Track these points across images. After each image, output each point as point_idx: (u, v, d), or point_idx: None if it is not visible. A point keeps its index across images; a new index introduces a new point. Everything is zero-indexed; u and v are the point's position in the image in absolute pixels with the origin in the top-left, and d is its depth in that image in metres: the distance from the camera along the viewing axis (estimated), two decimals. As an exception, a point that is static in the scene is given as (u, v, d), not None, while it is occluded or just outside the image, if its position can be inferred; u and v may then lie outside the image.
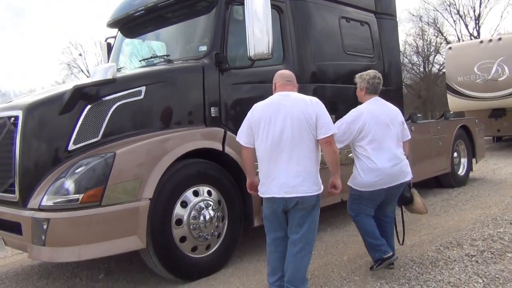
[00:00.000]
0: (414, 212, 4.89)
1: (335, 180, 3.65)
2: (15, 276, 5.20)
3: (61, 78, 43.49)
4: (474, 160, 9.57)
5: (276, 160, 3.49)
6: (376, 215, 4.42)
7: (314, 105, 3.52)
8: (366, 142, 4.18)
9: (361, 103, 4.52)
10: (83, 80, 5.68)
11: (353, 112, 4.35)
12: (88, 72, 42.01)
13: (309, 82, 5.83)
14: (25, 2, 57.55)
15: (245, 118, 3.74)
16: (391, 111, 4.46)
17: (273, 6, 4.91)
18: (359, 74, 4.61)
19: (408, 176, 4.33)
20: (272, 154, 3.50)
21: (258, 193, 3.71)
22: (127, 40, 6.32)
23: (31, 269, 5.39)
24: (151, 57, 5.61)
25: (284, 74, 3.82)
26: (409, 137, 4.53)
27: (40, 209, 3.86)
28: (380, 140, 4.20)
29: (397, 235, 4.68)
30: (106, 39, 6.84)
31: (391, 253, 4.21)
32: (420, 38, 37.10)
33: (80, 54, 41.38)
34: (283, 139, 3.46)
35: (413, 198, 4.68)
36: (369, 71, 4.62)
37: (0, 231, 4.32)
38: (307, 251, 3.57)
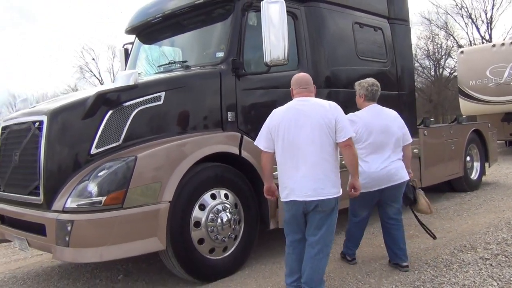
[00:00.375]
0: (420, 212, 5.00)
1: (355, 182, 3.79)
2: (36, 277, 5.33)
3: (73, 82, 44.07)
4: (487, 164, 9.58)
5: (297, 164, 3.61)
6: (381, 218, 4.65)
7: (333, 110, 3.66)
8: (359, 148, 4.32)
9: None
10: (105, 86, 5.81)
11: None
12: (100, 75, 42.51)
13: (323, 87, 5.90)
14: (32, 4, 58.08)
15: (264, 124, 3.87)
16: (387, 116, 4.61)
17: (288, 13, 4.98)
18: (358, 81, 4.82)
19: (400, 178, 4.44)
20: (292, 159, 3.63)
21: (280, 198, 3.86)
22: (145, 46, 6.47)
23: (51, 270, 5.53)
24: (169, 63, 5.73)
25: (301, 80, 3.93)
26: (410, 141, 4.70)
27: (64, 211, 3.99)
28: (373, 146, 4.43)
29: (429, 233, 4.97)
30: (124, 45, 6.99)
31: (353, 259, 4.81)
32: (431, 42, 36.95)
33: (93, 59, 41.89)
34: (303, 144, 3.59)
35: (417, 199, 4.80)
36: (367, 79, 4.81)
37: (24, 232, 4.46)
38: (325, 253, 3.68)
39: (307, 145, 3.58)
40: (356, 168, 3.79)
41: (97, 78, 42.89)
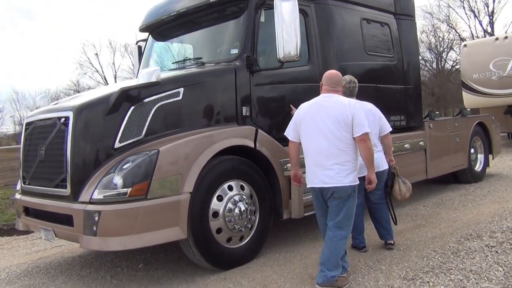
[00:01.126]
0: (394, 197, 5.17)
1: (370, 175, 4.10)
2: (58, 266, 5.55)
3: (76, 78, 44.21)
4: (490, 156, 9.76)
5: (317, 154, 4.03)
6: (366, 203, 5.11)
7: (351, 107, 4.00)
8: None
9: None
10: (127, 82, 5.99)
11: None
12: (102, 71, 42.62)
13: (333, 82, 6.08)
14: (32, 4, 58.04)
15: (293, 116, 4.34)
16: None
17: (299, 10, 5.15)
18: None
19: (377, 168, 4.54)
20: (314, 148, 4.05)
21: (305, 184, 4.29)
22: (158, 44, 6.65)
23: (73, 260, 5.74)
24: (184, 60, 5.90)
25: (332, 79, 4.25)
26: (387, 131, 5.03)
27: (91, 202, 4.19)
28: None
29: (392, 217, 5.19)
30: (137, 42, 7.17)
31: (363, 247, 5.06)
32: (433, 35, 37.03)
33: (96, 54, 42.01)
34: (323, 136, 3.98)
35: (393, 185, 5.07)
36: (345, 76, 4.98)
37: (50, 223, 4.67)
38: (342, 237, 4.03)
39: (327, 136, 3.97)
40: (371, 162, 4.04)
41: (99, 74, 43.01)
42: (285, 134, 4.38)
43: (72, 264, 5.58)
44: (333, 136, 3.94)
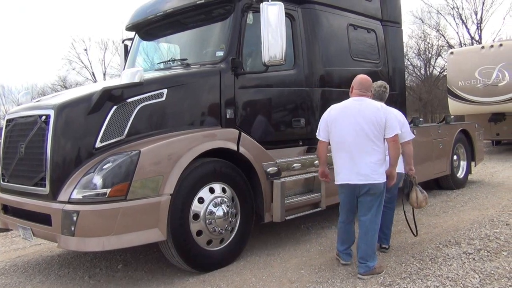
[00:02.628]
0: (412, 205, 5.19)
1: (392, 171, 4.42)
2: (36, 265, 5.49)
3: (63, 73, 43.80)
4: (473, 163, 9.88)
5: (351, 153, 4.33)
6: None
7: (384, 110, 4.38)
8: None
9: None
10: (110, 81, 5.95)
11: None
12: (91, 67, 42.31)
13: (318, 86, 6.14)
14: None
15: (322, 117, 4.63)
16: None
17: (286, 14, 5.18)
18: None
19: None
20: (349, 147, 4.33)
21: (334, 181, 4.58)
22: (145, 43, 6.62)
23: (51, 259, 5.69)
24: (169, 60, 5.88)
25: (363, 84, 4.55)
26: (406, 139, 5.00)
27: (70, 202, 4.16)
28: None
29: (411, 230, 5.35)
30: (123, 41, 7.13)
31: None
32: (422, 41, 37.37)
33: (85, 49, 41.65)
34: (359, 136, 4.29)
35: (409, 193, 5.11)
36: (378, 81, 5.29)
37: (28, 222, 4.62)
38: (375, 230, 4.44)
39: (359, 137, 4.29)
40: (396, 160, 4.40)
41: (88, 70, 42.66)
42: (316, 135, 4.68)
43: (50, 263, 5.52)
44: (367, 136, 4.26)
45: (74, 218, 4.05)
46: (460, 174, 9.44)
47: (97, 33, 66.21)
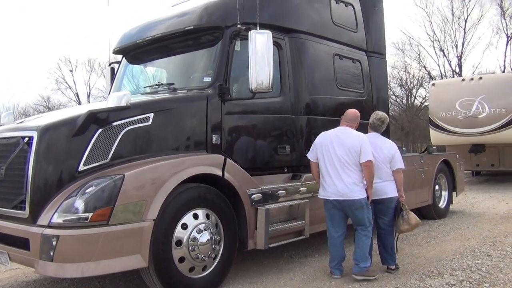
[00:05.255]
0: (398, 228, 5.54)
1: (369, 191, 5.12)
2: (11, 290, 5.32)
3: (47, 93, 43.40)
4: (454, 194, 10.00)
5: (332, 173, 5.10)
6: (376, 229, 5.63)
7: (359, 139, 5.09)
8: None
9: None
10: (96, 104, 5.90)
11: None
12: (76, 88, 42.06)
13: (303, 114, 6.18)
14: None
15: (314, 141, 5.39)
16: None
17: (273, 43, 5.24)
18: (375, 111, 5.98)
19: (383, 194, 5.40)
20: (329, 168, 5.13)
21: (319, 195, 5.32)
22: (131, 67, 6.61)
23: (27, 285, 5.51)
24: (156, 85, 5.88)
25: (349, 116, 5.40)
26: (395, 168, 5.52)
27: (50, 226, 4.05)
28: None
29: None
30: (110, 63, 7.12)
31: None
32: (404, 71, 38.17)
33: (70, 70, 41.44)
34: (336, 159, 5.07)
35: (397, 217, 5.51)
36: (379, 112, 5.92)
37: (5, 246, 4.47)
38: (367, 237, 5.16)
39: (339, 160, 5.06)
40: (370, 182, 5.09)
41: (72, 91, 42.37)
42: (307, 155, 5.43)
43: (26, 289, 5.35)
44: (345, 160, 5.02)
45: (54, 243, 3.95)
46: (442, 204, 9.53)
47: (83, 54, 66.18)
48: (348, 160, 5.03)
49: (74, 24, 59.10)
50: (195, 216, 4.70)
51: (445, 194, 9.65)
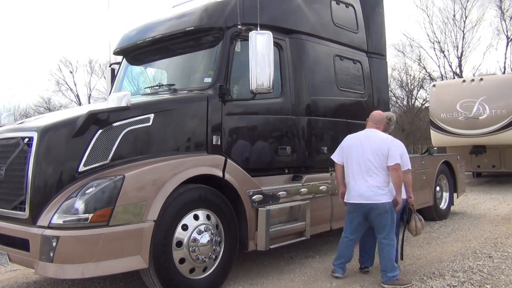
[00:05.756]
0: (411, 232, 5.47)
1: (398, 198, 4.95)
2: (11, 292, 5.31)
3: (48, 95, 43.38)
4: (455, 195, 9.97)
5: (358, 176, 4.99)
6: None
7: (388, 142, 5.00)
8: None
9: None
10: (96, 105, 5.90)
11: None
12: (76, 90, 42.08)
13: (304, 115, 6.17)
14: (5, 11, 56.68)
15: (341, 143, 5.32)
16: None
17: (274, 43, 5.22)
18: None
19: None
20: (356, 171, 5.01)
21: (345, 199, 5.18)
22: (132, 68, 6.60)
23: (27, 286, 5.50)
24: (156, 85, 5.88)
25: (374, 117, 5.30)
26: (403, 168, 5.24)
27: (50, 227, 4.04)
28: None
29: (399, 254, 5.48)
30: (110, 65, 7.11)
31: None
32: (404, 73, 38.15)
33: (71, 72, 41.47)
34: (363, 162, 4.97)
35: (409, 221, 5.38)
36: (386, 112, 5.84)
37: (5, 247, 4.46)
38: (391, 246, 4.94)
39: (364, 163, 4.96)
40: (399, 187, 4.93)
41: (73, 93, 42.38)
42: (331, 157, 5.33)
43: (26, 290, 5.34)
44: (371, 163, 4.92)
45: (54, 244, 3.94)
46: (443, 205, 9.51)
47: (84, 54, 66.24)
48: (375, 162, 4.92)
49: (74, 24, 59.15)
50: (196, 217, 4.68)
51: (446, 195, 9.63)
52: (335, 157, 5.30)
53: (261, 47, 4.96)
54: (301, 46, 6.21)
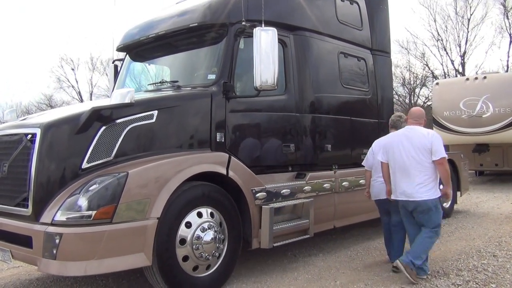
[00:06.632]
0: None
1: (447, 190, 5.08)
2: (14, 289, 5.29)
3: (49, 92, 43.40)
4: (458, 193, 9.92)
5: (402, 173, 5.01)
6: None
7: (429, 137, 4.99)
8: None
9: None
10: (100, 101, 5.87)
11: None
12: (78, 87, 42.09)
13: (308, 112, 6.14)
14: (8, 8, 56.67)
15: (383, 143, 5.38)
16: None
17: (278, 40, 5.18)
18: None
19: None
20: (399, 169, 5.03)
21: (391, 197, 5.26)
22: (135, 64, 6.57)
23: (29, 283, 5.48)
24: (160, 82, 5.84)
25: (414, 114, 5.30)
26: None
27: (53, 223, 4.02)
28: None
29: None
30: (113, 61, 7.08)
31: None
32: (407, 70, 38.03)
33: (72, 69, 41.48)
34: (406, 159, 4.98)
35: None
36: (397, 112, 6.20)
37: (8, 244, 4.45)
38: (431, 239, 5.05)
39: (408, 160, 4.96)
40: (448, 180, 5.03)
41: (75, 90, 42.39)
42: (377, 157, 5.39)
43: (29, 287, 5.32)
44: (414, 160, 4.92)
45: (57, 241, 3.91)
46: (446, 203, 9.45)
47: (86, 52, 66.19)
48: (418, 159, 4.92)
49: (74, 24, 59.19)
50: (199, 215, 4.66)
51: (449, 193, 9.56)
52: (380, 157, 5.34)
53: (265, 44, 4.92)
54: (305, 43, 6.17)
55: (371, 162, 5.73)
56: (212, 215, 4.77)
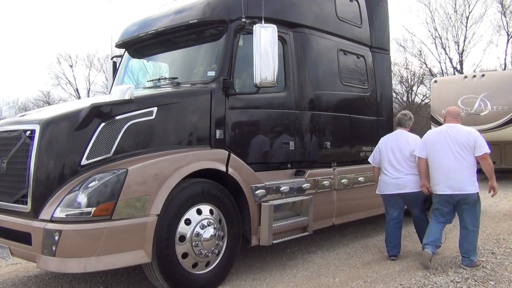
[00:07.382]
0: None
1: (492, 183, 5.43)
2: (12, 286, 5.27)
3: (46, 89, 43.28)
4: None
5: (444, 169, 5.27)
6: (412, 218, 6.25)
7: (473, 134, 5.29)
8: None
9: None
10: (99, 98, 5.85)
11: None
12: (76, 84, 41.98)
13: (307, 110, 6.12)
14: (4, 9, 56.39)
15: (422, 139, 5.64)
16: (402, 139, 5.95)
17: (278, 37, 5.16)
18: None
19: (406, 189, 5.74)
20: (441, 164, 5.29)
21: (432, 191, 5.49)
22: (134, 61, 6.54)
23: (28, 280, 5.46)
24: (159, 79, 5.82)
25: (453, 112, 5.65)
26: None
27: (52, 220, 4.01)
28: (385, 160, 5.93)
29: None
30: (112, 58, 7.05)
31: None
32: (405, 68, 38.03)
33: (70, 66, 41.36)
34: (450, 155, 5.24)
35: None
36: (404, 110, 6.40)
37: (6, 241, 4.43)
38: (475, 232, 5.37)
39: (455, 156, 5.23)
40: (492, 174, 5.36)
41: (72, 87, 42.27)
42: (415, 153, 5.59)
43: (27, 284, 5.31)
44: (459, 155, 5.20)
45: (56, 238, 3.90)
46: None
47: (83, 49, 65.99)
48: (464, 155, 5.18)
49: (72, 22, 59.00)
50: (199, 212, 4.65)
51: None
52: (420, 153, 5.54)
53: (265, 41, 4.90)
54: (305, 40, 6.15)
55: (379, 159, 5.98)
56: (211, 212, 4.76)
